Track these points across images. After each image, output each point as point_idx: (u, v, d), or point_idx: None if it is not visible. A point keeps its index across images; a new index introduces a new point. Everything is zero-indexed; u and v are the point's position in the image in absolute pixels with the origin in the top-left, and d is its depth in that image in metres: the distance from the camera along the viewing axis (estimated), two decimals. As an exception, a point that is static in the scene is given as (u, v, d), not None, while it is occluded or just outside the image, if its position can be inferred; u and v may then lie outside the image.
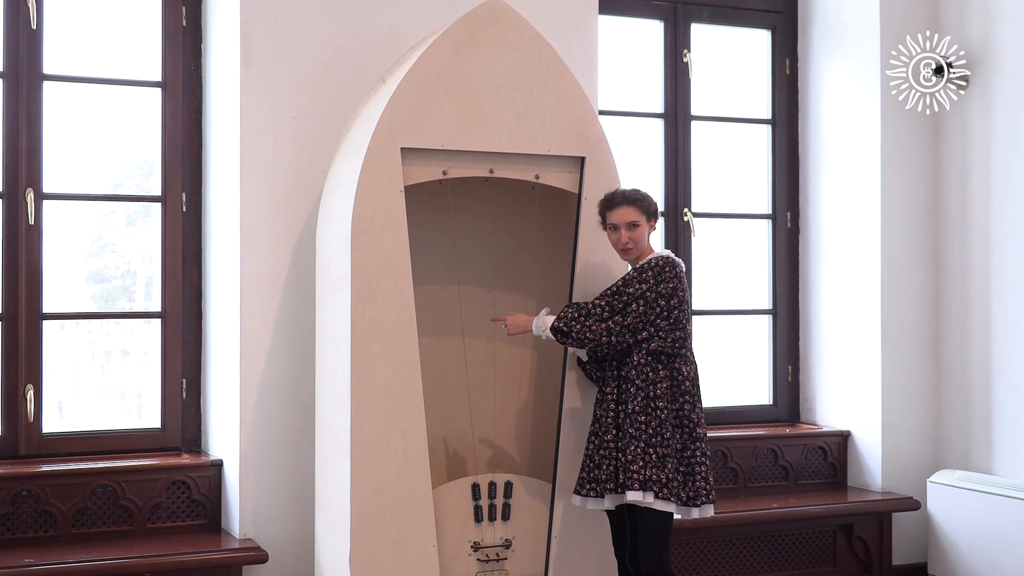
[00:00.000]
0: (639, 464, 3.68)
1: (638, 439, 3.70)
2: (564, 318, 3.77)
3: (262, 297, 4.35)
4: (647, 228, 3.85)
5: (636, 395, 3.74)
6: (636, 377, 3.75)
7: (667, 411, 3.74)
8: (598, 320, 3.72)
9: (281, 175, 4.38)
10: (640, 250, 3.85)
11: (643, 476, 3.66)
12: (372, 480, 3.76)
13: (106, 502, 4.30)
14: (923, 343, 5.42)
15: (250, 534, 4.32)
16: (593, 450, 3.80)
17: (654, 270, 3.73)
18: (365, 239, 3.76)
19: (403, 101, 3.81)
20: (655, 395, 3.74)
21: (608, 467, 3.74)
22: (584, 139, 4.05)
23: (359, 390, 3.75)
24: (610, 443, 3.76)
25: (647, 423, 3.71)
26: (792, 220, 5.68)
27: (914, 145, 5.38)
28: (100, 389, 4.76)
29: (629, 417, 3.73)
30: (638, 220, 3.82)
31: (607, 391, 3.81)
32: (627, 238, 3.82)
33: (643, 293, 3.71)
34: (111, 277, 4.76)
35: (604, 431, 3.78)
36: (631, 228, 3.82)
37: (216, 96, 4.52)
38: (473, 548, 3.96)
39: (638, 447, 3.69)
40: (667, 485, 3.67)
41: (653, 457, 3.68)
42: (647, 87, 5.46)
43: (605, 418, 3.79)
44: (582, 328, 3.73)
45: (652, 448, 3.69)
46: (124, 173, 4.75)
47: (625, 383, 3.77)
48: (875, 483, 5.37)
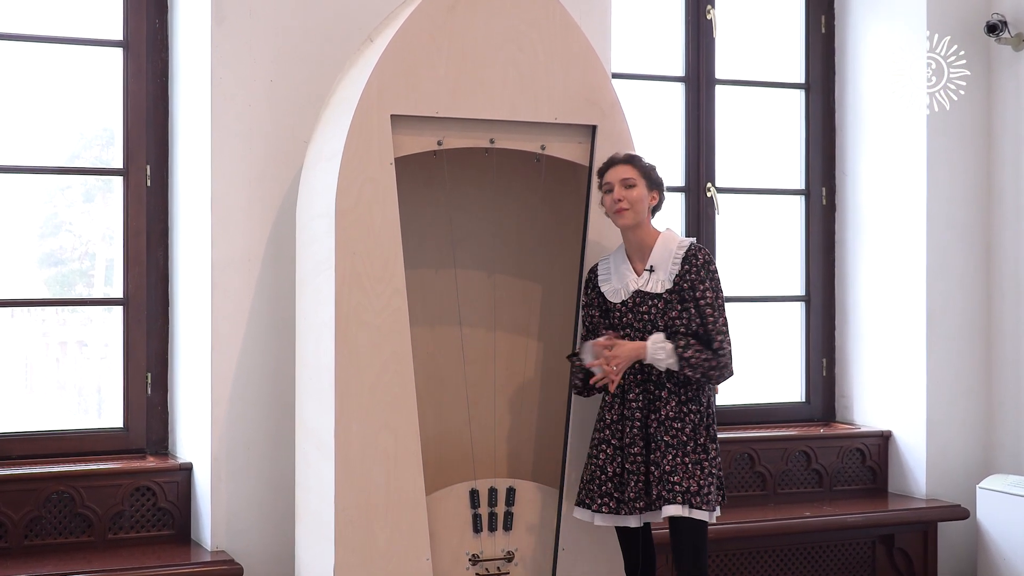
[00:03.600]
0: (679, 475, 3.70)
1: (675, 448, 3.72)
2: (701, 366, 3.71)
3: (236, 282, 4.35)
4: (646, 194, 3.84)
5: (669, 400, 3.75)
6: (668, 380, 3.76)
7: (699, 414, 3.77)
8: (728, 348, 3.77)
9: (257, 145, 4.37)
10: (638, 217, 3.83)
11: (683, 488, 3.68)
12: (359, 485, 3.76)
13: (62, 510, 4.30)
14: (973, 334, 5.42)
15: (223, 546, 4.33)
16: (606, 461, 3.80)
17: (709, 264, 3.79)
18: (351, 217, 3.76)
19: (393, 63, 3.80)
20: (687, 398, 3.76)
21: (636, 484, 3.75)
22: (595, 106, 4.04)
23: (344, 385, 3.75)
24: (637, 456, 3.76)
25: (682, 429, 3.74)
26: (827, 196, 5.67)
27: (963, 112, 5.36)
28: (55, 385, 4.76)
29: (663, 424, 3.74)
30: (634, 179, 3.82)
31: (630, 397, 3.80)
32: (621, 195, 3.81)
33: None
34: (67, 260, 4.75)
35: (630, 443, 3.78)
36: (626, 186, 3.82)
37: (184, 57, 4.50)
38: (471, 561, 3.96)
39: (676, 457, 3.71)
40: (699, 493, 3.70)
41: (690, 466, 3.71)
42: (666, 48, 5.45)
43: (630, 428, 3.78)
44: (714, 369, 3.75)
45: (687, 456, 3.72)
46: (81, 143, 4.75)
47: (656, 387, 3.78)
48: (919, 489, 5.37)
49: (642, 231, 3.86)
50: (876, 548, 5.25)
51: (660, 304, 3.79)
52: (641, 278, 3.84)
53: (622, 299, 3.85)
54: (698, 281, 3.77)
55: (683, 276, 3.78)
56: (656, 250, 3.85)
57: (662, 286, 3.80)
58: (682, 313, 3.77)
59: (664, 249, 3.84)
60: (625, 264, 3.88)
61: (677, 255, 3.82)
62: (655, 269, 3.83)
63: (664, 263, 3.82)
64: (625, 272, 3.87)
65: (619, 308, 3.85)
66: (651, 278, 3.82)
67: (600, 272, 3.95)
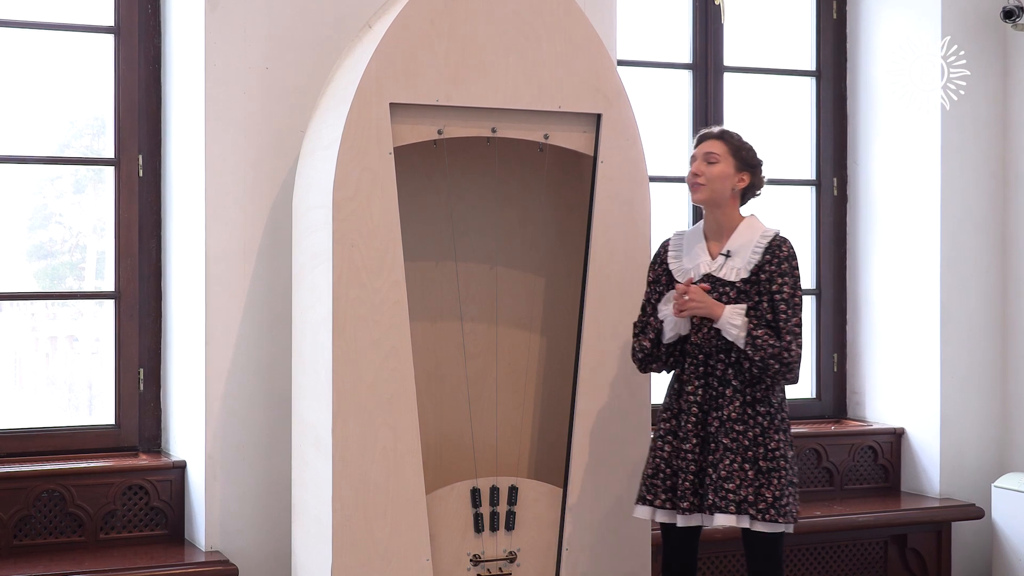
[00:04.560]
0: (735, 482, 3.61)
1: (734, 452, 3.63)
2: (764, 350, 3.58)
3: (231, 275, 4.34)
4: (732, 175, 3.74)
5: (733, 399, 3.66)
6: (734, 377, 3.67)
7: (768, 417, 3.67)
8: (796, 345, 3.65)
9: (252, 134, 4.37)
10: (714, 196, 3.73)
11: (738, 496, 3.60)
12: (357, 484, 3.76)
13: (52, 509, 4.30)
14: (988, 328, 5.42)
15: (217, 546, 4.33)
16: (671, 455, 3.72)
17: (791, 258, 3.68)
18: (349, 208, 3.75)
19: (392, 49, 3.80)
20: (754, 399, 3.67)
21: (685, 480, 3.68)
22: (600, 93, 4.04)
23: (342, 381, 3.75)
24: (688, 453, 3.69)
25: (744, 433, 3.64)
26: (839, 187, 5.67)
27: (978, 99, 5.36)
28: (45, 380, 4.76)
29: (724, 425, 3.64)
30: (718, 155, 3.74)
31: (688, 389, 3.72)
32: (699, 169, 3.72)
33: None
34: (57, 252, 4.75)
35: (684, 438, 3.70)
36: (708, 161, 3.74)
37: (177, 43, 4.50)
38: (472, 562, 3.97)
39: (733, 462, 3.62)
40: (759, 503, 3.61)
41: (750, 473, 3.62)
42: (673, 34, 5.44)
43: (685, 422, 3.71)
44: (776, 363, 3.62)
45: (747, 462, 3.63)
46: (72, 132, 4.74)
47: (720, 384, 3.68)
48: (932, 488, 5.37)
49: (722, 212, 3.76)
50: (888, 549, 5.25)
51: (732, 293, 3.68)
52: (715, 262, 3.73)
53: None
54: (777, 274, 3.65)
55: (762, 267, 3.67)
56: (737, 235, 3.74)
57: (737, 275, 3.69)
58: (756, 306, 3.65)
59: (745, 235, 3.74)
60: (700, 244, 3.78)
61: (759, 244, 3.71)
62: (732, 255, 3.71)
63: (743, 251, 3.71)
64: (699, 252, 3.77)
65: None
66: (726, 264, 3.71)
67: (671, 247, 3.84)
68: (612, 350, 4.03)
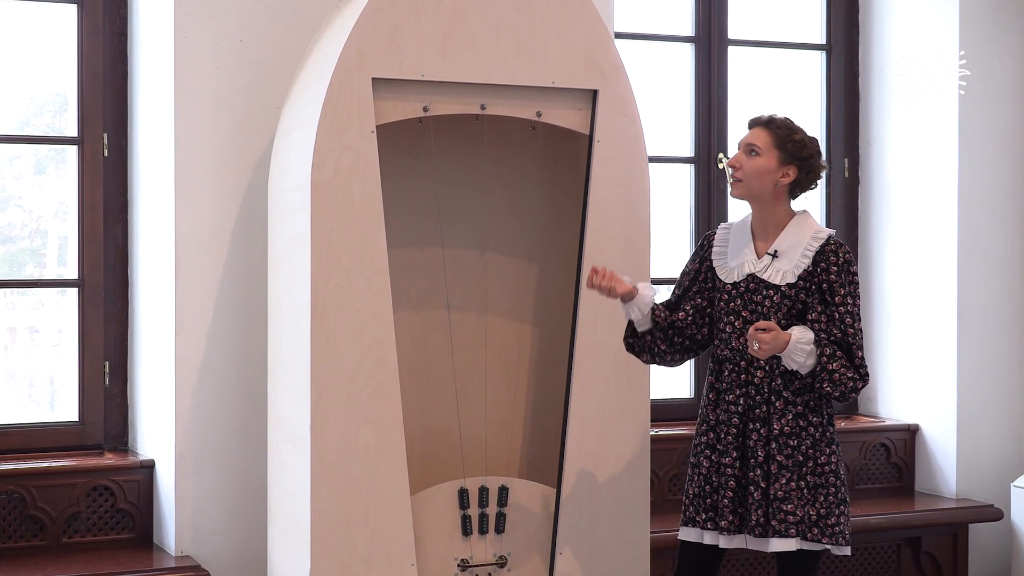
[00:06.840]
0: (794, 503, 3.56)
1: (790, 470, 3.58)
2: (843, 385, 3.51)
3: (202, 261, 4.34)
4: (774, 169, 3.64)
5: (786, 411, 3.60)
6: (784, 388, 3.61)
7: (820, 428, 3.61)
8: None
9: (225, 111, 4.36)
10: (753, 192, 3.65)
11: (797, 517, 3.56)
12: (337, 485, 3.76)
13: (12, 512, 4.30)
14: (1008, 319, 5.44)
15: (188, 550, 4.33)
16: (709, 470, 3.67)
17: (850, 264, 3.61)
18: (328, 190, 3.75)
19: (374, 21, 3.79)
20: (808, 408, 3.61)
21: (724, 497, 3.64)
22: (597, 68, 4.04)
23: (321, 375, 3.75)
24: (727, 468, 3.64)
25: (798, 447, 3.59)
26: (850, 168, 5.68)
27: (996, 78, 5.37)
28: (3, 375, 4.76)
29: (777, 441, 3.59)
30: (760, 147, 3.64)
31: (728, 399, 3.66)
32: (737, 162, 3.65)
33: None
34: (16, 237, 4.74)
35: (724, 451, 3.65)
36: (748, 152, 3.66)
37: (144, 14, 4.49)
38: (460, 567, 3.97)
39: (791, 481, 3.57)
40: (819, 523, 3.58)
41: (805, 492, 3.58)
42: (675, 5, 5.45)
43: (725, 434, 3.65)
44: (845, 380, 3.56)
45: (803, 479, 3.58)
46: (32, 109, 4.74)
47: (758, 393, 3.62)
48: (948, 488, 5.39)
49: (767, 209, 3.68)
50: (902, 552, 5.27)
51: (777, 298, 3.61)
52: (760, 262, 3.65)
53: (733, 280, 3.67)
54: (838, 284, 3.55)
55: (815, 274, 3.59)
56: (785, 234, 3.66)
57: (783, 278, 3.61)
58: (801, 313, 3.58)
59: (794, 235, 3.65)
60: (746, 240, 3.71)
61: (810, 247, 3.61)
62: (779, 255, 3.63)
63: (792, 252, 3.62)
64: (744, 250, 3.69)
65: (728, 291, 3.68)
66: (772, 265, 3.63)
67: (717, 243, 3.76)
68: (609, 342, 4.03)
